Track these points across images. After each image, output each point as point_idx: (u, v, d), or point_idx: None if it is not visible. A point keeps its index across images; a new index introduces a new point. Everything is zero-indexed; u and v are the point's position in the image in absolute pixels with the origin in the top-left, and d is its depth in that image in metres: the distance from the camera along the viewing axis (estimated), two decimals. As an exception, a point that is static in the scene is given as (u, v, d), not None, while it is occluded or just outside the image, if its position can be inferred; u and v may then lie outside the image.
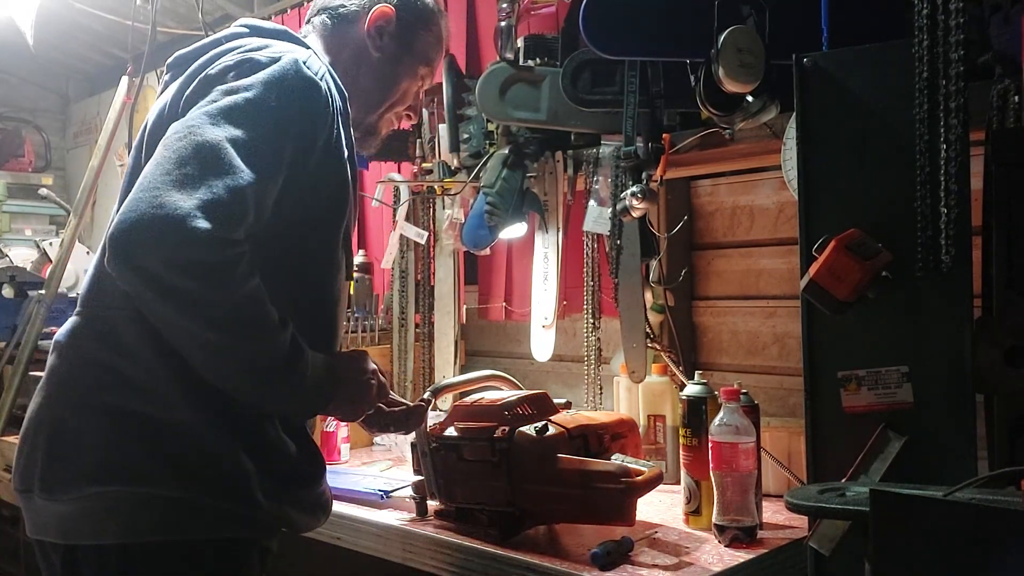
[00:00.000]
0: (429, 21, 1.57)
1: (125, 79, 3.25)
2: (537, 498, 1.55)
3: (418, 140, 2.42)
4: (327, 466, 1.43)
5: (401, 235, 2.60)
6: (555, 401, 1.76)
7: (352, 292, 2.62)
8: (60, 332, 1.35)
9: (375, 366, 1.43)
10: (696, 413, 1.64)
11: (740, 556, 1.48)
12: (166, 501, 1.23)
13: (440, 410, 1.94)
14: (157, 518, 1.23)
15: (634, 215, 1.82)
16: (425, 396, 1.67)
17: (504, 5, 1.99)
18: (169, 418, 1.24)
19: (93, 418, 1.25)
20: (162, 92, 1.41)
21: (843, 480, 1.27)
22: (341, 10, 1.52)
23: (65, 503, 1.24)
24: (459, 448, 1.63)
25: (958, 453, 1.27)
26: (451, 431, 1.65)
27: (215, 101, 1.21)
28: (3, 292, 3.36)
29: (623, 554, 1.46)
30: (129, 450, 1.23)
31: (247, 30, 1.40)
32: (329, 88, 1.32)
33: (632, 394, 2.05)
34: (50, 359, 1.34)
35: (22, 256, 4.08)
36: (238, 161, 1.17)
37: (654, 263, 2.06)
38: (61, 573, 1.28)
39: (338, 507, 1.81)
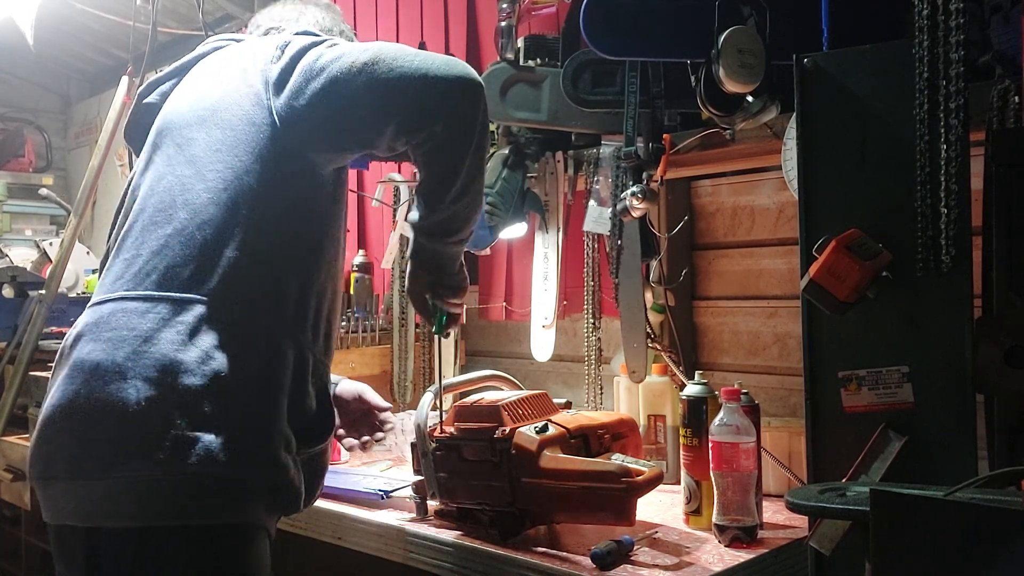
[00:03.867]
0: None
1: (125, 79, 3.25)
2: (537, 498, 1.55)
3: (418, 140, 2.42)
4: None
5: (401, 235, 2.60)
6: (555, 401, 1.76)
7: (352, 292, 2.62)
8: (76, 325, 1.34)
9: None
10: (696, 413, 1.64)
11: (740, 556, 1.48)
12: (180, 481, 1.22)
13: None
14: (172, 501, 1.23)
15: (634, 215, 1.82)
16: (429, 396, 1.67)
17: (504, 5, 1.99)
18: (188, 384, 1.24)
19: (116, 396, 1.24)
20: (146, 100, 1.50)
21: (843, 480, 1.27)
22: None
23: (89, 485, 1.24)
24: (459, 448, 1.63)
25: (958, 453, 1.27)
26: (451, 431, 1.66)
27: (341, 58, 1.33)
28: (3, 292, 3.36)
29: (623, 554, 1.46)
30: (148, 424, 1.23)
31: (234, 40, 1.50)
32: None
33: (632, 394, 2.04)
34: (74, 352, 1.32)
35: (22, 256, 4.09)
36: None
37: (654, 263, 2.06)
38: (82, 557, 1.27)
39: (338, 507, 1.82)
